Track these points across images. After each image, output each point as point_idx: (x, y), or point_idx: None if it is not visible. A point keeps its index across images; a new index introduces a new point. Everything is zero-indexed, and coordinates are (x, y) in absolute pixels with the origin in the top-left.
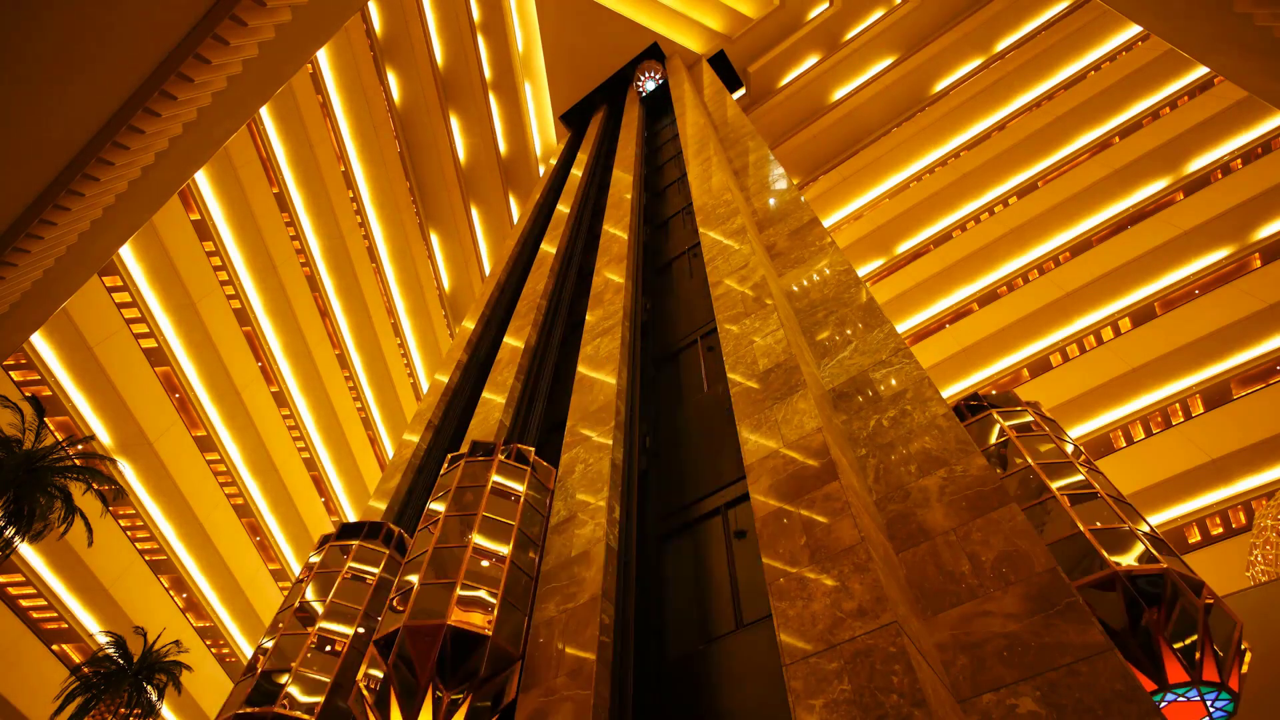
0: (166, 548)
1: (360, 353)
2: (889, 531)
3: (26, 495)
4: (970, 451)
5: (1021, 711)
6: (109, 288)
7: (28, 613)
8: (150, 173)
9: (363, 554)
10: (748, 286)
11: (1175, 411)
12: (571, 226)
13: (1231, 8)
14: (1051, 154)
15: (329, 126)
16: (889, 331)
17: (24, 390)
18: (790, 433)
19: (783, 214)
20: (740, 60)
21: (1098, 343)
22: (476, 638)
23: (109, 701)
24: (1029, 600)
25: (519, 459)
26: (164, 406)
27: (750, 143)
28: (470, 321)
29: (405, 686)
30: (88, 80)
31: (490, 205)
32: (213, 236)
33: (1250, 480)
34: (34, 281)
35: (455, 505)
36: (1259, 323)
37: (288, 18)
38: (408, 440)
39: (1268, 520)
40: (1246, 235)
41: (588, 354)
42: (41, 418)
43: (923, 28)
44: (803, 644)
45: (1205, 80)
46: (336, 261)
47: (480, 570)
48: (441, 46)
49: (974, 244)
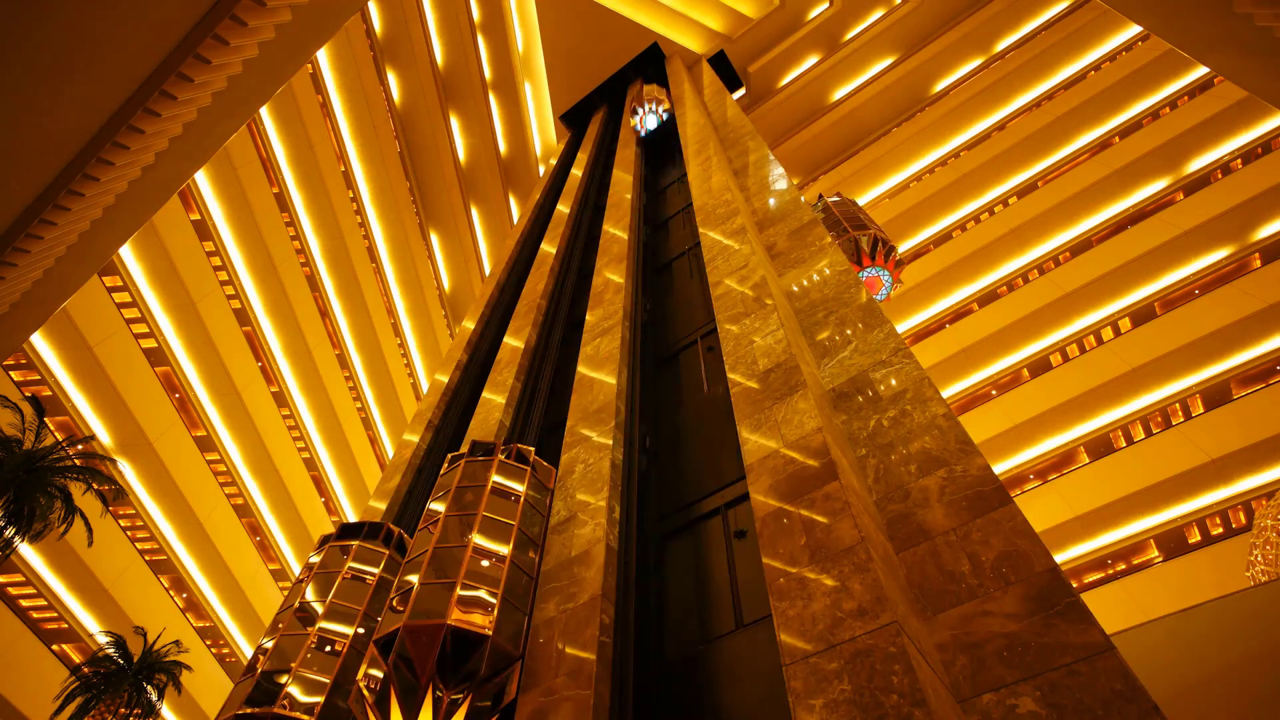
0: (166, 548)
1: (360, 353)
2: (889, 531)
3: (26, 495)
4: (970, 451)
5: (1021, 711)
6: (109, 288)
7: (28, 613)
8: (150, 173)
9: (362, 554)
10: (748, 286)
11: (1175, 411)
12: (571, 226)
13: (1231, 8)
14: (1051, 154)
15: (329, 126)
16: (889, 331)
17: (24, 390)
18: (790, 433)
19: (783, 214)
20: (740, 60)
21: (1098, 343)
22: (476, 637)
23: (109, 701)
24: (1029, 600)
25: (519, 459)
26: (164, 406)
27: (750, 143)
28: (470, 321)
29: (405, 686)
30: (88, 80)
31: (490, 205)
32: (213, 236)
33: (1250, 480)
34: (34, 281)
35: (455, 505)
36: (1259, 323)
37: (288, 18)
38: (408, 440)
39: (1268, 520)
40: (1246, 235)
41: (588, 354)
42: (41, 418)
43: (923, 28)
44: (803, 644)
45: (1205, 80)
46: (336, 261)
47: (480, 570)
48: (441, 46)
49: (974, 244)
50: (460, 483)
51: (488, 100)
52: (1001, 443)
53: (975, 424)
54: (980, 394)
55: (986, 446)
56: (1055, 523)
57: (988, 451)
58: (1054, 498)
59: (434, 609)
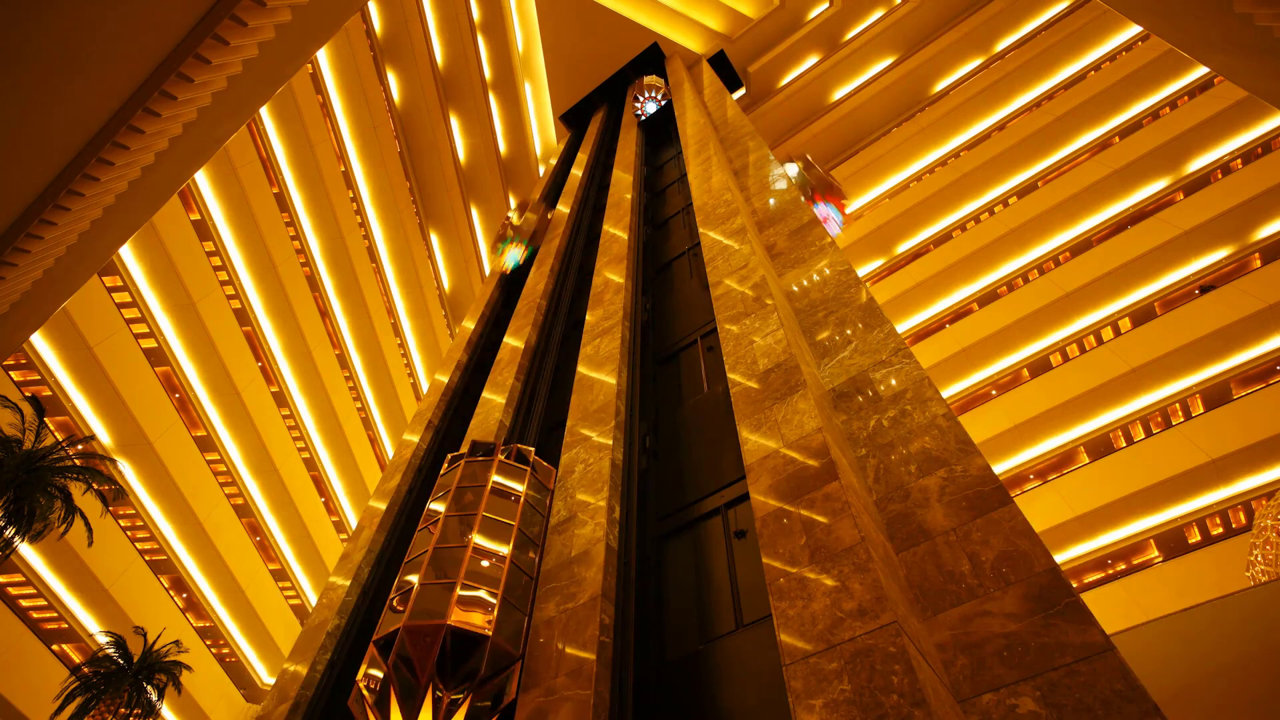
0: (166, 548)
1: (360, 353)
2: (889, 531)
3: (26, 495)
4: (970, 451)
5: (1021, 711)
6: (109, 288)
7: (28, 613)
8: (150, 173)
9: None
10: (748, 286)
11: (1175, 411)
12: (571, 226)
13: (1231, 8)
14: (1051, 154)
15: (329, 126)
16: (889, 331)
17: (24, 390)
18: (790, 433)
19: (783, 214)
20: (740, 60)
21: (1098, 343)
22: (476, 638)
23: (109, 701)
24: (1029, 600)
25: (519, 459)
26: (164, 406)
27: (750, 143)
28: (470, 321)
29: (405, 687)
30: (88, 80)
31: (490, 205)
32: (213, 236)
33: (1250, 480)
34: (34, 281)
35: (455, 505)
36: (1259, 323)
37: (288, 18)
38: (408, 440)
39: (1268, 520)
40: (1246, 235)
41: (588, 354)
42: (41, 418)
43: (923, 28)
44: (803, 644)
45: (1205, 80)
46: (336, 261)
47: (480, 570)
48: (441, 46)
49: (974, 244)
50: (460, 483)
51: (488, 100)
52: (1001, 443)
53: (975, 424)
54: (980, 394)
55: (986, 446)
56: (1055, 523)
57: (988, 451)
58: (1054, 498)
59: (434, 609)
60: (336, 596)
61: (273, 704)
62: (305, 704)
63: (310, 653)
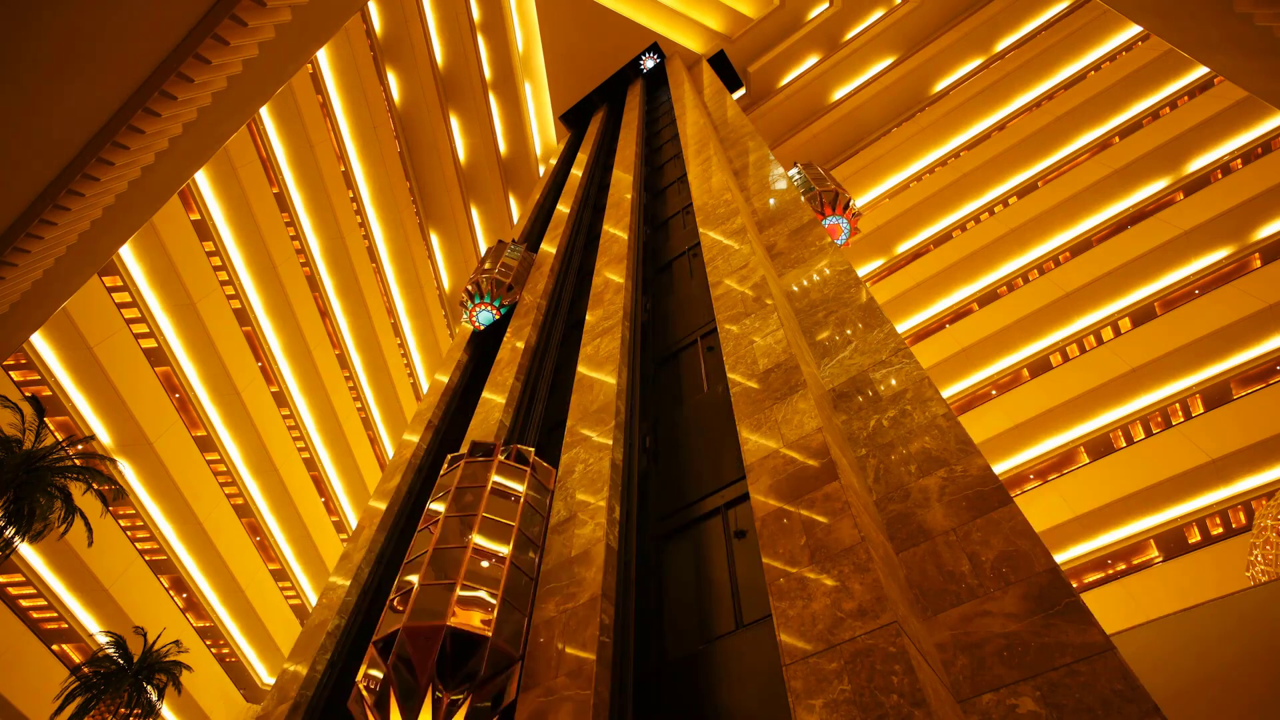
0: (166, 548)
1: (360, 353)
2: (889, 531)
3: (26, 495)
4: (970, 451)
5: (1021, 711)
6: (109, 288)
7: (28, 613)
8: (150, 173)
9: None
10: (748, 286)
11: (1175, 411)
12: (571, 226)
13: (1231, 8)
14: (1051, 154)
15: (329, 126)
16: (889, 331)
17: (24, 390)
18: (790, 433)
19: (783, 214)
20: (740, 60)
21: (1098, 343)
22: (476, 638)
23: (109, 701)
24: (1029, 600)
25: (519, 459)
26: (164, 406)
27: (750, 143)
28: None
29: (405, 687)
30: (88, 80)
31: (490, 205)
32: (213, 236)
33: (1250, 480)
34: (34, 281)
35: (455, 505)
36: (1259, 323)
37: (288, 18)
38: (408, 440)
39: (1268, 520)
40: (1246, 235)
41: (588, 354)
42: (41, 418)
43: (923, 28)
44: (803, 644)
45: (1205, 80)
46: (336, 261)
47: (480, 570)
48: (441, 46)
49: (974, 244)
50: (460, 483)
51: (488, 100)
52: (1001, 443)
53: (975, 424)
54: (980, 394)
55: (986, 446)
56: (1055, 523)
57: (988, 451)
58: (1054, 498)
59: (434, 609)
60: (336, 596)
61: (273, 704)
62: (305, 704)
63: (310, 653)
